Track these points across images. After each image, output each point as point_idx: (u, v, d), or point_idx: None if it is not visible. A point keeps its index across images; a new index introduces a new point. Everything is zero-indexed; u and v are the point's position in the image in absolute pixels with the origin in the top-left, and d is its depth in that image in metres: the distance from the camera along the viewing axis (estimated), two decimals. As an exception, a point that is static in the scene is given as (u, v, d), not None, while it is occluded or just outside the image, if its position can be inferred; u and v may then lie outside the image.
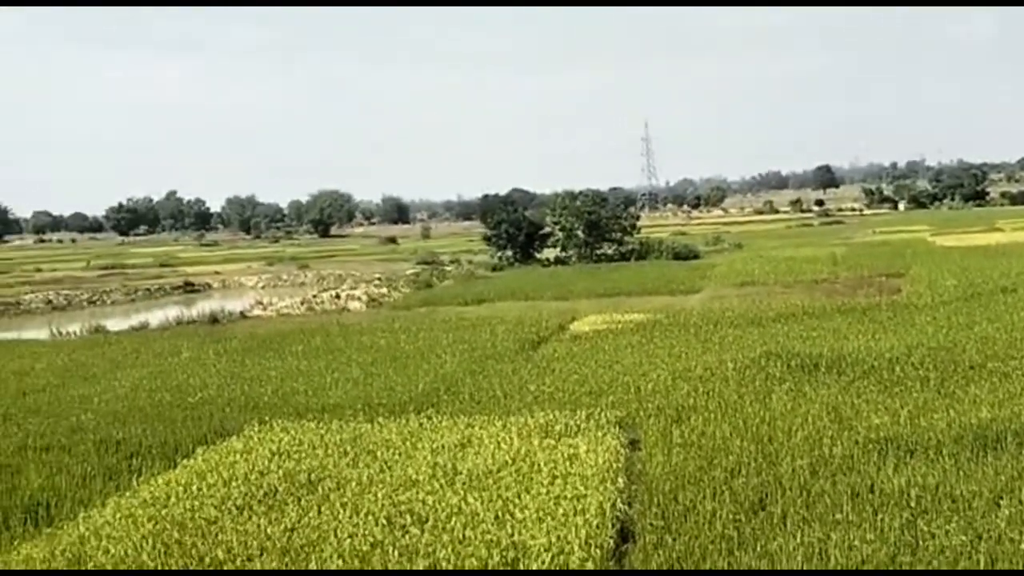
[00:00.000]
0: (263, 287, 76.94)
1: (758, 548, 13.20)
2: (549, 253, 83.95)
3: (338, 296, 59.33)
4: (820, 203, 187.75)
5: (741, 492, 15.50)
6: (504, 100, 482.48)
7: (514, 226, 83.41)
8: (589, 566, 12.57)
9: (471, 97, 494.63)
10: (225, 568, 13.15)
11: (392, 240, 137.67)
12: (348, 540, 13.89)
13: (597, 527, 13.92)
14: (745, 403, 21.66)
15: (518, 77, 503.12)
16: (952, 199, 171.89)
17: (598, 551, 13.11)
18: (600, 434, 19.33)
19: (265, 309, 54.91)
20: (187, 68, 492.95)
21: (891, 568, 12.17)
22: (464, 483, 16.49)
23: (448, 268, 77.60)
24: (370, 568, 12.86)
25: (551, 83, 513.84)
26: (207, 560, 13.40)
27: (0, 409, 25.38)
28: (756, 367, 25.38)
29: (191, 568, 13.16)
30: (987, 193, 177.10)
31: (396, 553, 13.31)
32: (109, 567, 13.27)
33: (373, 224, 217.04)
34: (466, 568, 12.72)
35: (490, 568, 12.69)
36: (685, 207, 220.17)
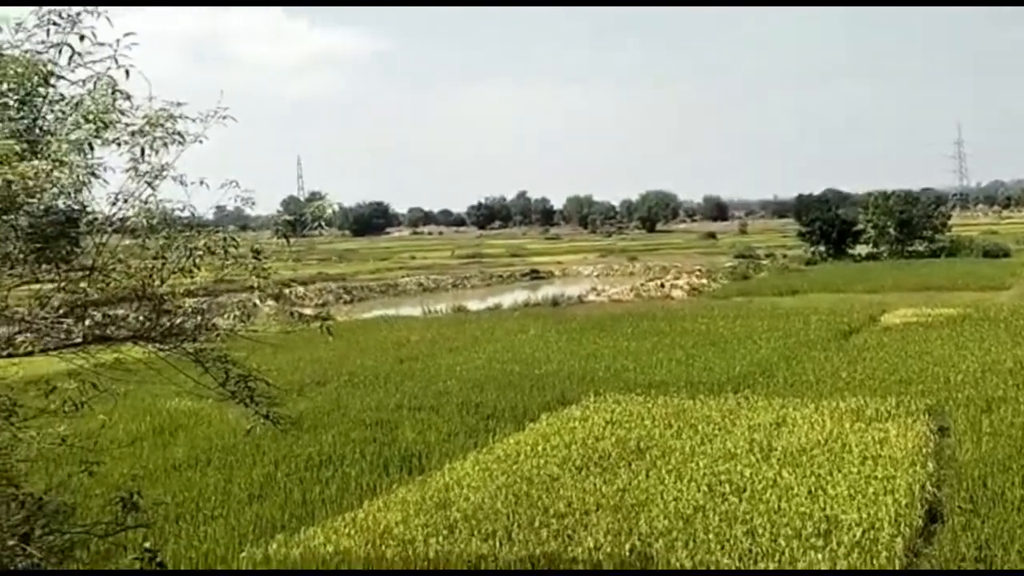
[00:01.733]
0: (597, 275, 77.94)
1: (1069, 536, 12.19)
2: (861, 249, 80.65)
3: (662, 285, 59.30)
4: None
5: (1053, 482, 14.35)
6: (820, 107, 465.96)
7: (827, 223, 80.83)
8: (898, 543, 11.98)
9: (788, 102, 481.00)
10: (565, 520, 13.45)
11: (711, 235, 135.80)
12: (673, 503, 13.90)
13: (906, 506, 13.27)
14: (1057, 396, 20.02)
15: (835, 85, 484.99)
16: None
17: (907, 529, 12.49)
18: (910, 420, 18.39)
19: (599, 295, 55.66)
20: (536, 87, 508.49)
21: None
22: (779, 459, 16.15)
23: (763, 261, 75.92)
24: (692, 529, 12.81)
25: (868, 92, 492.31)
26: (551, 511, 13.76)
27: (382, 374, 27.00)
28: (1069, 362, 23.39)
29: (537, 517, 13.55)
30: None
31: (716, 518, 13.19)
32: (469, 512, 13.87)
33: (694, 221, 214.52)
34: (781, 535, 12.45)
35: (805, 536, 12.36)
36: (996, 207, 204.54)
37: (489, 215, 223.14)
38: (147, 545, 6.36)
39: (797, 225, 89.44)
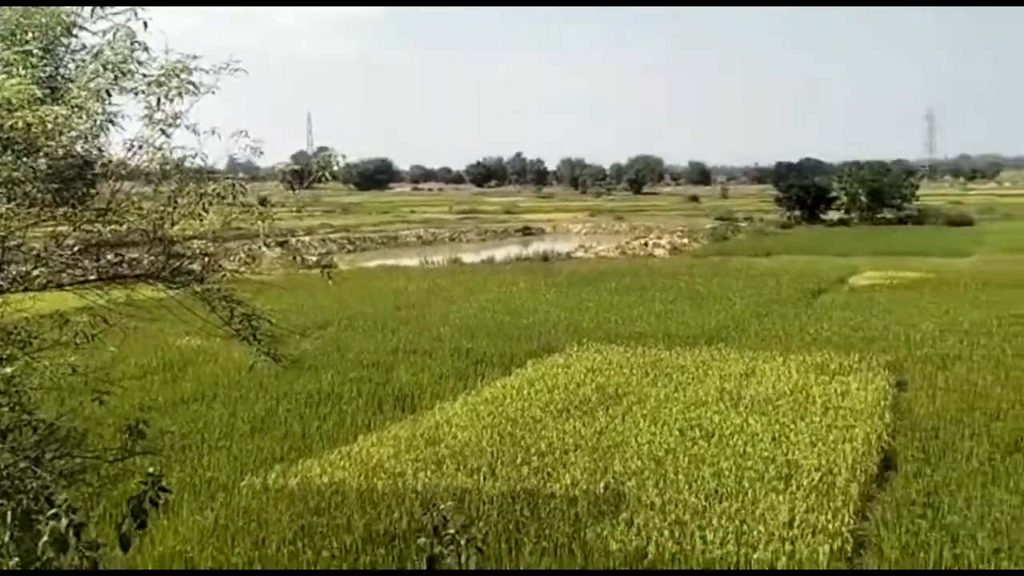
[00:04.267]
0: (586, 233, 77.74)
1: (1010, 484, 12.42)
2: (833, 215, 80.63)
3: (646, 244, 59.33)
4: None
5: (998, 435, 14.60)
6: (804, 80, 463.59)
7: (803, 190, 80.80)
8: (853, 487, 12.14)
9: (772, 74, 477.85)
10: (545, 459, 13.57)
11: (694, 199, 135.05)
12: (647, 445, 14.05)
13: (863, 454, 13.45)
14: (1008, 356, 20.23)
15: (817, 59, 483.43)
16: None
17: (862, 475, 12.66)
18: (870, 375, 18.56)
19: (587, 251, 55.67)
20: (539, 58, 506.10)
21: None
22: (746, 407, 16.32)
23: (742, 224, 75.82)
24: (663, 470, 12.94)
25: (846, 67, 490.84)
26: (532, 450, 13.88)
27: (380, 320, 27.03)
28: (1020, 324, 23.60)
29: (519, 455, 13.67)
30: None
31: (686, 460, 13.33)
32: (457, 449, 13.99)
33: (679, 184, 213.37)
34: (745, 477, 12.60)
35: (767, 479, 12.51)
36: (961, 179, 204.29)
37: (486, 174, 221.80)
38: (151, 470, 6.41)
39: (775, 191, 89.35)
